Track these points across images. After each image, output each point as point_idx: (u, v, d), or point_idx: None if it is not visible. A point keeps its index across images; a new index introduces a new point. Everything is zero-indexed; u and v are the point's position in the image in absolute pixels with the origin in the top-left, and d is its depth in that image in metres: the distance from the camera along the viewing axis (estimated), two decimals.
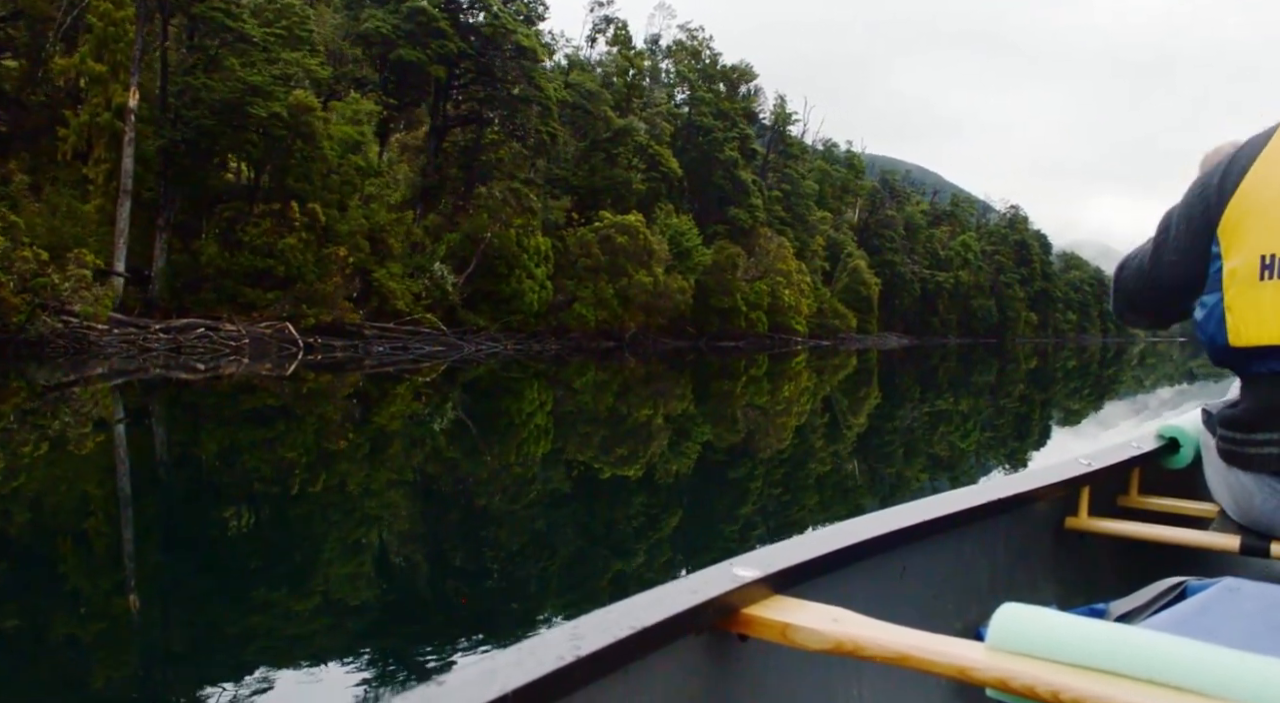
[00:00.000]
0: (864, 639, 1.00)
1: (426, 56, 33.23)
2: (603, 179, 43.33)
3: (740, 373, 30.33)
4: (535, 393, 18.77)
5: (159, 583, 4.78)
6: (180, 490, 7.55)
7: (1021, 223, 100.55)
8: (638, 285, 36.11)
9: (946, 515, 1.48)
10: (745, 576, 1.07)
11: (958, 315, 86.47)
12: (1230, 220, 1.57)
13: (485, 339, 31.71)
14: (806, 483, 8.65)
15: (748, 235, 51.67)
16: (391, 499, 7.20)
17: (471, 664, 0.79)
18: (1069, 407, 19.61)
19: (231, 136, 24.59)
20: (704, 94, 55.07)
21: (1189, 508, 2.04)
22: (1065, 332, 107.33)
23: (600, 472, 8.76)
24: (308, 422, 12.44)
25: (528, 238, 33.41)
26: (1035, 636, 0.96)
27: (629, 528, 6.35)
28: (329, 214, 25.98)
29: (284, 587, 4.69)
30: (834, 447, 11.93)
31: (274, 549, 5.58)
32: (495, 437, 11.36)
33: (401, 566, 5.34)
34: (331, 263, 25.45)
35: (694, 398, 19.18)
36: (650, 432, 12.52)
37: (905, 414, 17.01)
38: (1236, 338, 1.58)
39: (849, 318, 65.20)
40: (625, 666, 0.90)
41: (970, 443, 12.26)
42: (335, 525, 6.13)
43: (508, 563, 5.27)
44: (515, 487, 7.77)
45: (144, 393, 15.60)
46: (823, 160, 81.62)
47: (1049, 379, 32.89)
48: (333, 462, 8.67)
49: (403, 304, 28.87)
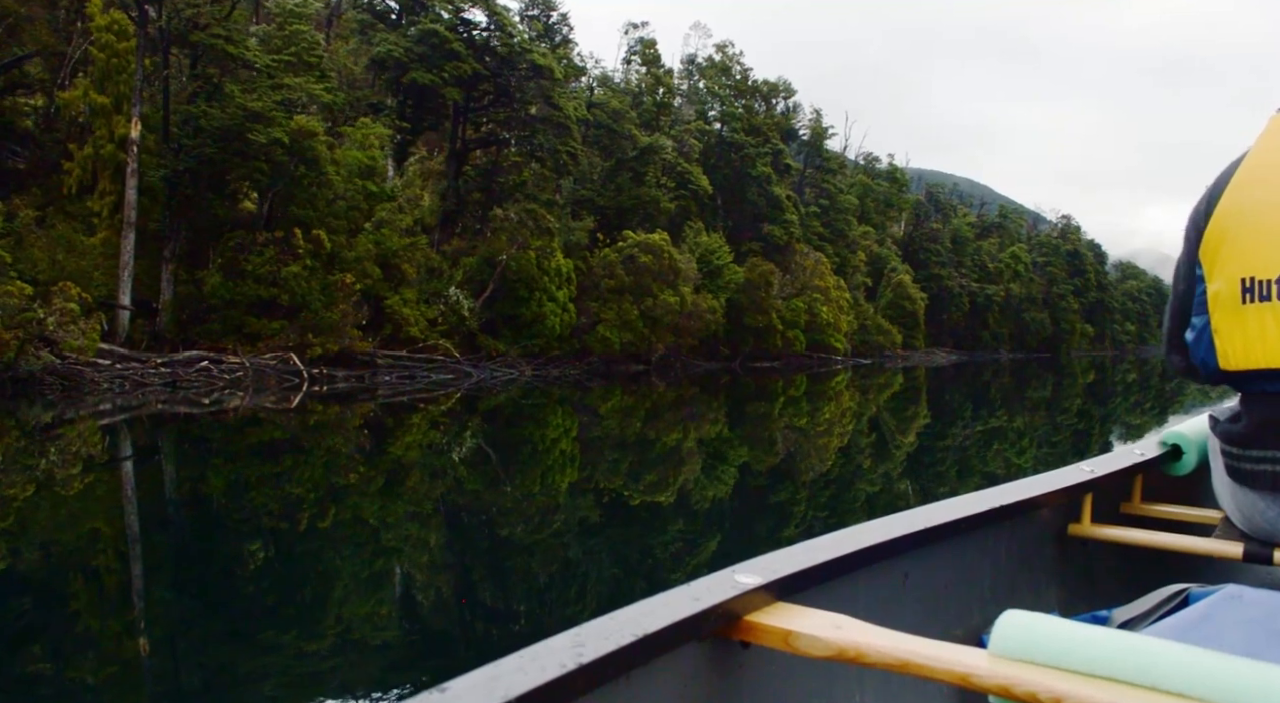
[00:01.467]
0: (866, 646, 1.01)
1: (441, 79, 32.65)
2: (629, 199, 42.41)
3: (778, 394, 29.52)
4: (560, 419, 18.15)
5: (179, 622, 4.66)
6: (193, 528, 7.30)
7: (1074, 233, 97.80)
8: (663, 306, 34.99)
9: (949, 522, 1.47)
10: (747, 582, 1.08)
11: (1009, 329, 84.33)
12: (1209, 244, 1.61)
13: (503, 364, 30.79)
14: (853, 506, 8.17)
15: (783, 252, 50.41)
16: (410, 532, 6.90)
17: (475, 670, 0.78)
18: (1130, 421, 18.97)
19: (234, 164, 24.06)
20: (735, 110, 54.00)
21: (1192, 515, 2.05)
22: (1124, 344, 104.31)
23: (629, 498, 8.36)
24: (316, 454, 12.00)
25: (548, 260, 32.53)
26: (1038, 642, 0.96)
27: (662, 556, 6.02)
28: (335, 241, 25.33)
29: (304, 622, 4.56)
30: (882, 467, 11.33)
31: (292, 584, 5.42)
32: (517, 465, 10.92)
33: (420, 596, 5.17)
34: (338, 291, 24.75)
35: (727, 421, 18.40)
36: (681, 457, 11.87)
37: (957, 432, 16.38)
38: (1226, 362, 1.60)
39: (893, 334, 63.53)
40: (627, 672, 0.91)
41: (1027, 459, 11.73)
42: (351, 559, 6.00)
43: (533, 594, 5.07)
44: (539, 516, 7.45)
45: (143, 429, 15.06)
46: (864, 175, 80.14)
47: (1108, 393, 32.44)
48: (344, 496, 8.35)
49: (416, 331, 28.10)
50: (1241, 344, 1.54)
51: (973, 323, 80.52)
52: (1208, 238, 1.60)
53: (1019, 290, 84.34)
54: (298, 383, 23.00)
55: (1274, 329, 1.52)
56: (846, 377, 41.82)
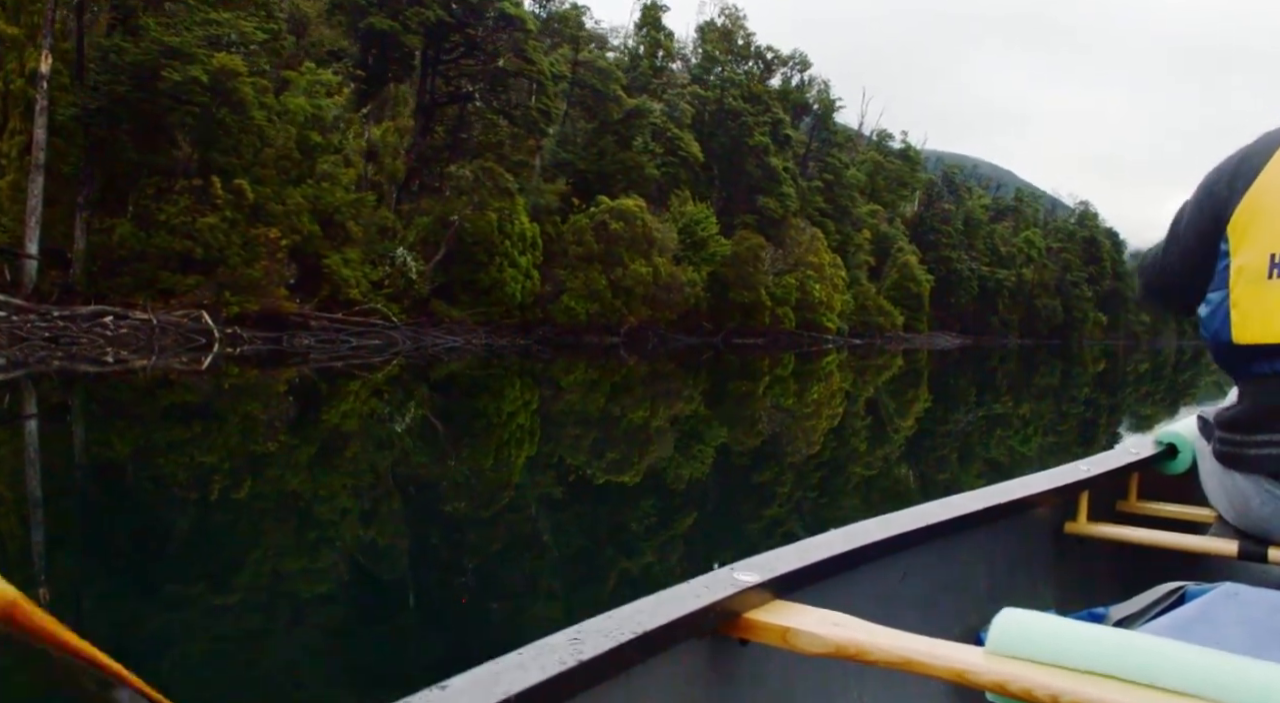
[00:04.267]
0: (865, 644, 1.02)
1: (403, 25, 30.54)
2: (613, 163, 40.22)
3: (762, 373, 27.96)
4: (518, 392, 17.20)
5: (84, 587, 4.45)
6: (105, 493, 6.83)
7: (1091, 219, 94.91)
8: (634, 276, 32.90)
9: (947, 520, 1.50)
10: (746, 580, 1.08)
11: (1019, 315, 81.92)
12: (1241, 218, 1.59)
13: (455, 331, 28.84)
14: (845, 497, 7.76)
15: (778, 226, 48.12)
16: (345, 507, 6.51)
17: (472, 668, 0.78)
18: (1140, 412, 18.44)
19: (146, 104, 22.08)
20: (735, 75, 51.54)
21: (1187, 513, 2.07)
22: (1138, 334, 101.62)
23: (592, 478, 7.98)
24: (230, 423, 10.98)
25: (510, 223, 30.49)
26: (1034, 640, 0.97)
27: (628, 546, 5.66)
28: (261, 192, 23.35)
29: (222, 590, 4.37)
30: (878, 452, 10.74)
31: (219, 554, 5.18)
32: (467, 440, 10.37)
33: (371, 571, 4.98)
34: (260, 245, 22.81)
35: (703, 399, 17.51)
36: (649, 437, 11.02)
37: (959, 418, 15.79)
38: (1241, 335, 1.59)
39: (894, 315, 61.24)
40: (626, 670, 0.91)
41: (1031, 448, 11.48)
42: (275, 531, 5.74)
43: (490, 572, 4.95)
44: (489, 495, 7.05)
45: (46, 388, 13.96)
46: (875, 152, 77.60)
47: (1119, 383, 31.35)
48: (263, 467, 7.87)
49: (357, 293, 26.17)
50: (1261, 318, 1.54)
51: (981, 307, 78.23)
52: (1241, 211, 1.57)
53: (1031, 275, 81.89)
54: (205, 343, 21.12)
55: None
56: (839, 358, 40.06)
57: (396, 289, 27.80)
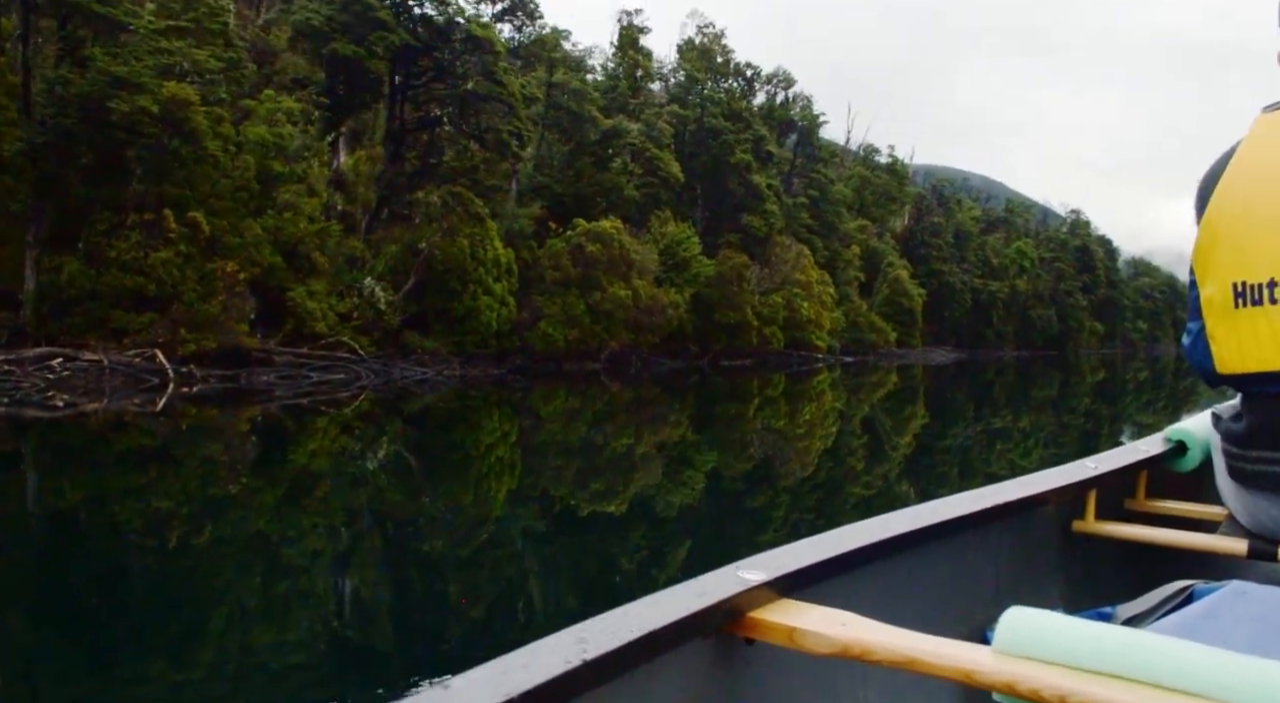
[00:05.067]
0: (870, 643, 1.01)
1: (368, 51, 29.87)
2: (590, 185, 39.51)
3: (752, 394, 27.35)
4: (495, 423, 16.58)
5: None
6: (57, 542, 6.50)
7: (1083, 227, 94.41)
8: (613, 299, 32.07)
9: (953, 519, 1.47)
10: (751, 579, 1.07)
11: (1014, 327, 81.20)
12: (1201, 248, 1.57)
13: (424, 363, 27.96)
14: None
15: (763, 244, 47.40)
16: (316, 549, 6.21)
17: (478, 667, 0.78)
18: (1142, 421, 18.28)
19: (94, 137, 21.33)
20: (714, 94, 50.95)
21: (1196, 512, 2.04)
22: (1136, 342, 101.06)
23: (576, 509, 7.68)
24: (189, 466, 10.59)
25: (483, 249, 29.69)
26: (1041, 639, 0.96)
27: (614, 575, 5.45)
28: (217, 225, 22.56)
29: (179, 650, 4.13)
30: (877, 469, 10.36)
31: (186, 606, 4.85)
32: (445, 475, 10.10)
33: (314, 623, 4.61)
34: (217, 279, 22.00)
35: (691, 424, 17.04)
36: (633, 466, 10.71)
37: (958, 433, 15.44)
38: (1223, 366, 1.57)
39: (886, 332, 60.43)
40: (631, 669, 0.91)
41: (1032, 460, 11.23)
42: (240, 580, 5.43)
43: (475, 615, 4.70)
44: (468, 532, 6.78)
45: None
46: (862, 167, 77.06)
47: (1118, 392, 31.11)
48: (225, 511, 7.43)
49: (323, 326, 25.33)
50: (1236, 348, 1.53)
51: (975, 320, 77.51)
52: (1199, 241, 1.57)
53: (1025, 286, 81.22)
54: (159, 384, 20.25)
55: (1267, 333, 1.48)
56: (831, 377, 39.37)
57: (365, 321, 26.96)
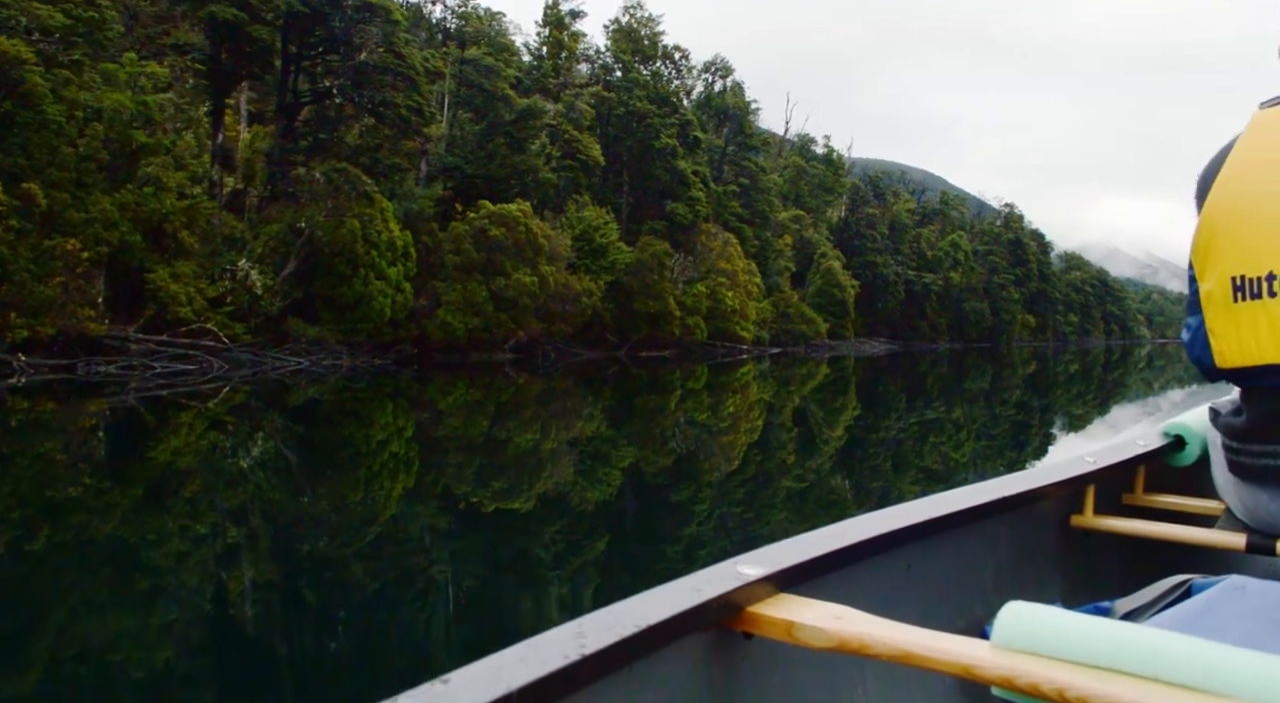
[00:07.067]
0: (869, 638, 1.01)
1: (250, 15, 27.63)
2: (503, 167, 37.58)
3: (673, 386, 25.73)
4: (388, 417, 15.82)
5: None
6: None
7: (1016, 221, 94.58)
8: (517, 286, 30.21)
9: (951, 513, 1.46)
10: (750, 574, 1.07)
11: (948, 319, 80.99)
12: (1200, 243, 1.57)
13: (320, 351, 25.88)
14: (766, 520, 7.09)
15: (688, 232, 45.85)
16: (182, 551, 5.84)
17: (477, 662, 0.78)
18: (1072, 412, 18.45)
19: None
20: (638, 76, 49.24)
21: (1194, 506, 2.02)
22: (1066, 335, 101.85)
23: (479, 506, 7.44)
24: (19, 465, 9.55)
25: (376, 231, 27.65)
26: (1040, 634, 0.96)
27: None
28: (58, 198, 20.30)
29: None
30: (808, 463, 10.11)
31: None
32: (331, 473, 9.63)
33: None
34: (56, 259, 19.78)
35: (606, 418, 16.31)
36: (539, 463, 10.22)
37: (890, 425, 15.38)
38: (1222, 360, 1.57)
39: (818, 323, 59.34)
40: (630, 664, 0.91)
41: (964, 453, 11.31)
42: (85, 585, 5.10)
43: (359, 617, 4.57)
44: (355, 531, 6.41)
45: None
46: (798, 157, 76.04)
47: (1049, 384, 30.94)
48: (64, 514, 6.86)
49: (189, 311, 23.16)
50: (1235, 342, 1.52)
51: (909, 312, 77.05)
52: (1197, 236, 1.57)
53: (958, 279, 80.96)
54: None
55: (1266, 327, 1.48)
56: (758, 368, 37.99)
57: (240, 306, 24.81)
